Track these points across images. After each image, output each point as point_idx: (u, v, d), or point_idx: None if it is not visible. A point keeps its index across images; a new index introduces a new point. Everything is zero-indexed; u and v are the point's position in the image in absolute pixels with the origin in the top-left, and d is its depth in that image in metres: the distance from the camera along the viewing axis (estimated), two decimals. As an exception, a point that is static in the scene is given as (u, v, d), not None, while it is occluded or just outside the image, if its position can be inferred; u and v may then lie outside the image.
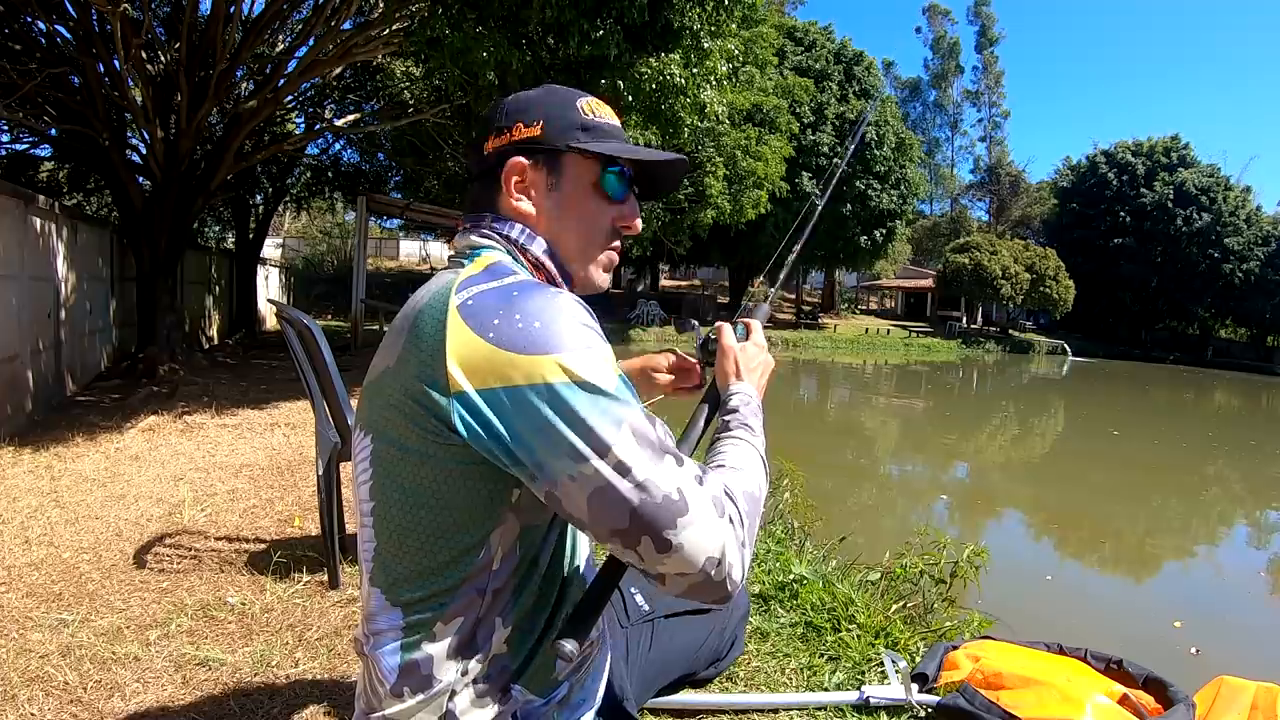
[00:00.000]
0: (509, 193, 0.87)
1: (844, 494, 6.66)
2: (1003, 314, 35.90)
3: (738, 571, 0.71)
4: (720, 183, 16.48)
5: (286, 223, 30.70)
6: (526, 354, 0.69)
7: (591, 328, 0.74)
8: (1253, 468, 10.09)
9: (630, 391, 0.73)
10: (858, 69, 27.15)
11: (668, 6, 6.88)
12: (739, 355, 1.04)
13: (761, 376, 1.05)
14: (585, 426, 0.68)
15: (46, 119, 7.78)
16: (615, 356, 0.78)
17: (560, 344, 0.70)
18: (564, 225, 0.88)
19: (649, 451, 0.70)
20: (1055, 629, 2.59)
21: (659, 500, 0.68)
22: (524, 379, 0.69)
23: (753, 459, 0.86)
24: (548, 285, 0.77)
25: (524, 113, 0.87)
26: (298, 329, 2.41)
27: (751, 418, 0.94)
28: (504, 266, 0.81)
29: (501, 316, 0.71)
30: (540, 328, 0.70)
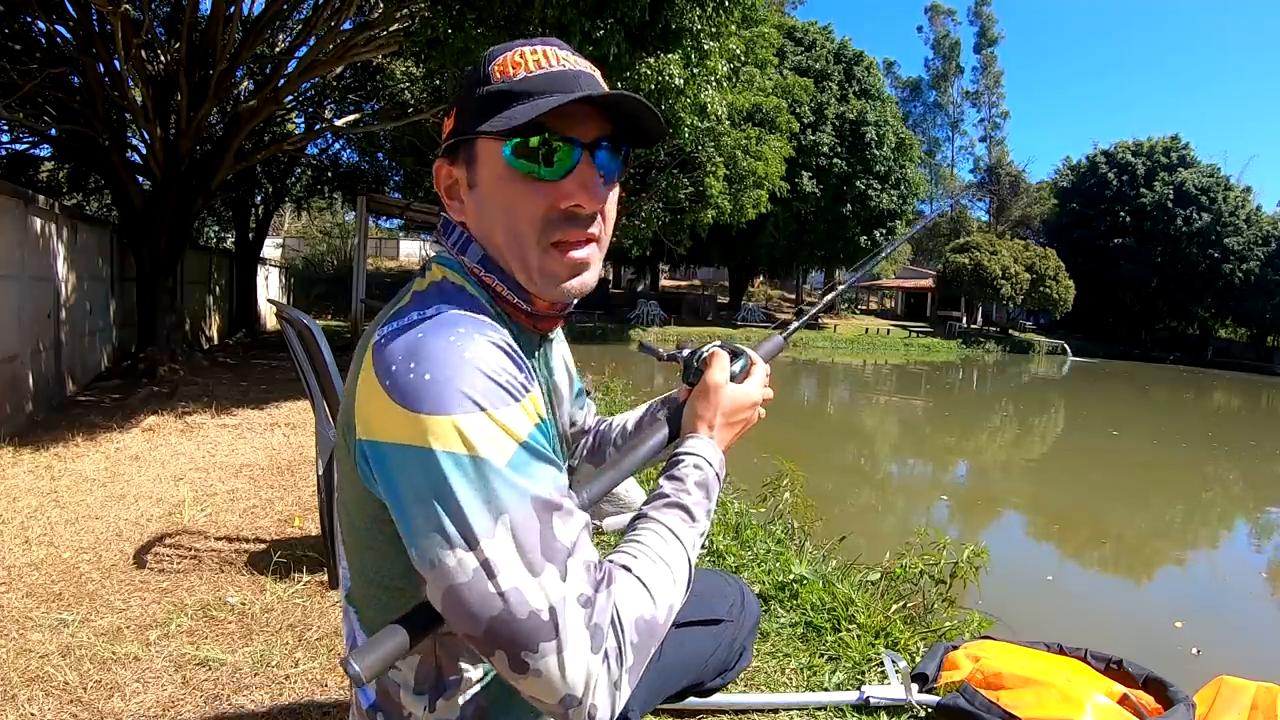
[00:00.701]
0: (445, 201, 0.79)
1: (844, 494, 6.66)
2: (1003, 314, 35.90)
3: (604, 713, 0.60)
4: (720, 183, 16.47)
5: (286, 223, 30.70)
6: (413, 410, 0.60)
7: (497, 381, 0.62)
8: (1253, 467, 10.09)
9: (537, 462, 0.62)
10: (858, 69, 27.15)
11: (668, 7, 6.88)
12: (721, 399, 0.85)
13: (736, 435, 0.88)
14: (456, 509, 0.58)
15: (46, 119, 7.78)
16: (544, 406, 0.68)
17: (449, 403, 0.59)
18: (491, 224, 0.75)
19: (526, 556, 0.59)
20: (1056, 630, 2.58)
21: (522, 617, 0.57)
22: (406, 438, 0.60)
23: (674, 563, 0.70)
24: (464, 321, 0.66)
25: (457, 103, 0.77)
26: (298, 329, 2.41)
27: (697, 495, 0.77)
28: (439, 291, 0.73)
29: (399, 363, 0.62)
30: (431, 380, 0.60)
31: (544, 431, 0.65)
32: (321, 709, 1.76)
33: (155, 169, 7.33)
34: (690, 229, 17.59)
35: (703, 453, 0.80)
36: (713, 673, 1.22)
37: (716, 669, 1.22)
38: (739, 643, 1.25)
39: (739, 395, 0.87)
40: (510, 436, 0.61)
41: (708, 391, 0.85)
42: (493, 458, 0.60)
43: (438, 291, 0.74)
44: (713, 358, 0.88)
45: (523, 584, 0.58)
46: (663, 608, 0.67)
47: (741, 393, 0.87)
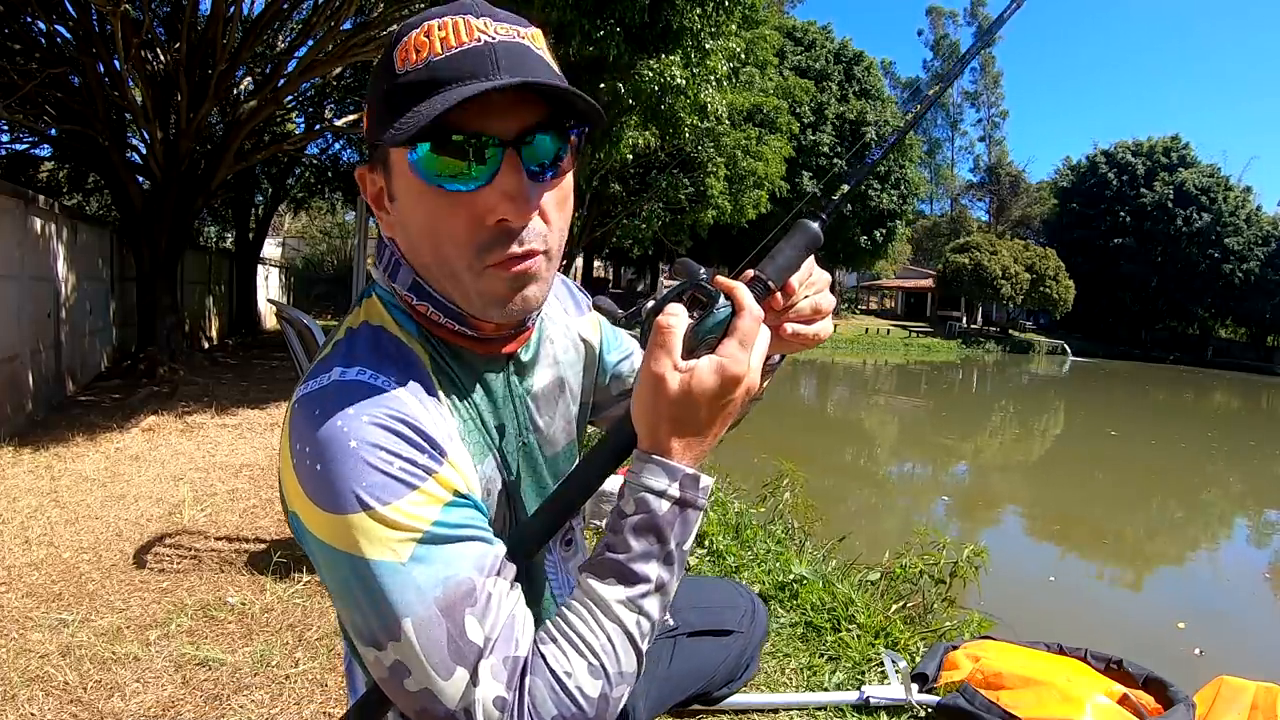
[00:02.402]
0: (375, 213, 0.67)
1: (844, 494, 6.67)
2: (1003, 314, 35.91)
3: None
4: (721, 183, 16.49)
5: (286, 223, 30.66)
6: (312, 501, 0.55)
7: (387, 471, 0.55)
8: (1253, 468, 10.09)
9: (450, 545, 0.56)
10: (857, 69, 27.16)
11: (668, 7, 6.88)
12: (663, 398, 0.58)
13: (711, 429, 0.60)
14: (362, 610, 0.55)
15: (46, 119, 7.78)
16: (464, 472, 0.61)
17: (338, 499, 0.54)
18: (416, 242, 0.63)
19: (436, 658, 0.54)
20: (1057, 630, 2.58)
21: (440, 716, 0.55)
22: (312, 527, 0.56)
23: (604, 650, 0.58)
24: (356, 392, 0.58)
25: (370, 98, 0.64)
26: (298, 329, 2.41)
27: (641, 549, 0.58)
28: (352, 342, 0.64)
29: (300, 443, 0.57)
30: (321, 475, 0.55)
31: (460, 505, 0.58)
32: (322, 709, 1.76)
33: (155, 169, 7.34)
34: (691, 229, 17.60)
35: (648, 483, 0.59)
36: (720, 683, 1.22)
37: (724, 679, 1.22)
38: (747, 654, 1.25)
39: (701, 381, 0.57)
40: (407, 532, 0.55)
41: (645, 387, 0.59)
42: (388, 558, 0.54)
43: (351, 342, 0.64)
44: (654, 329, 0.59)
45: (433, 687, 0.55)
46: (586, 702, 0.57)
47: (705, 376, 0.57)
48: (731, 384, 0.58)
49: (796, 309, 0.67)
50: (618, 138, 7.73)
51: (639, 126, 7.67)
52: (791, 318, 0.67)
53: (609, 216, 15.49)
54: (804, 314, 0.68)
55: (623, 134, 7.85)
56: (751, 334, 0.59)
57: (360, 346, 0.63)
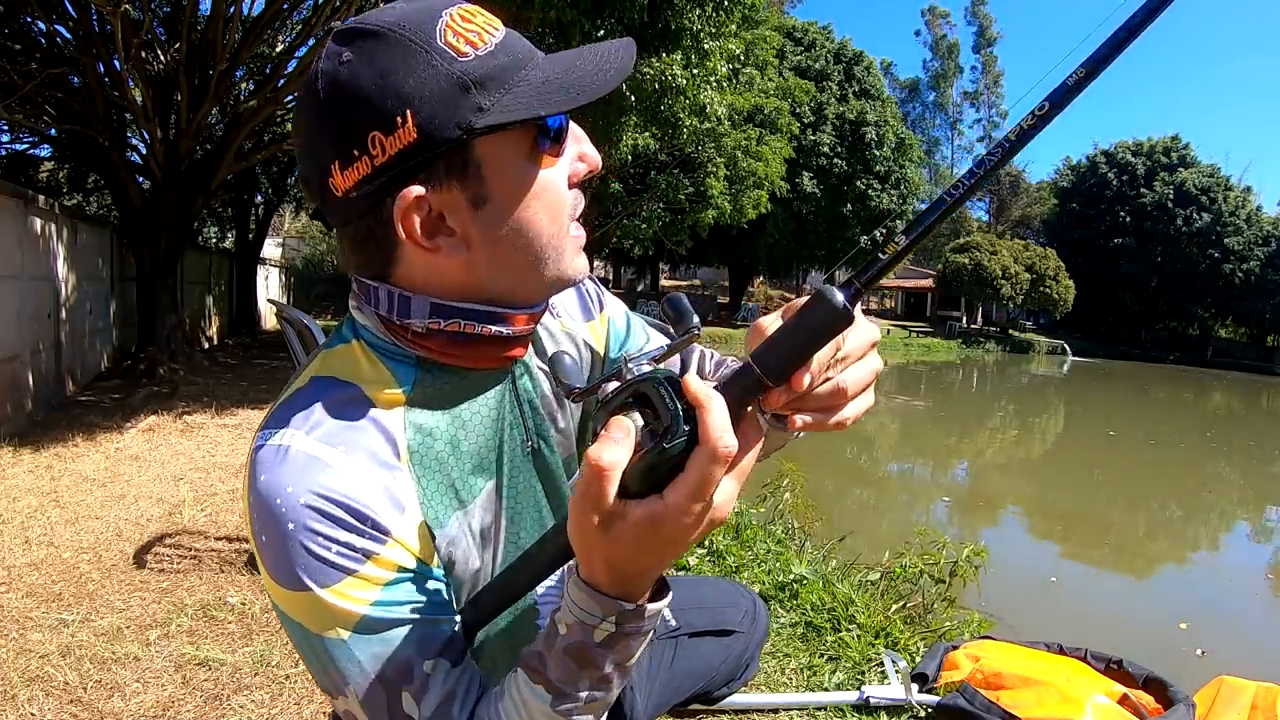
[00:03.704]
0: (417, 245, 0.57)
1: (844, 494, 6.67)
2: (1003, 314, 35.91)
3: None
4: (721, 183, 16.49)
5: (286, 223, 30.67)
6: (264, 565, 0.56)
7: (319, 557, 0.53)
8: (1253, 467, 10.09)
9: (390, 629, 0.56)
10: (857, 69, 27.16)
11: (668, 7, 6.89)
12: (598, 539, 0.47)
13: (663, 564, 0.50)
14: (313, 668, 0.58)
15: (46, 119, 7.78)
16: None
17: (280, 575, 0.54)
18: (517, 238, 0.59)
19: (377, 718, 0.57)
20: (1058, 630, 2.58)
21: None
22: (269, 586, 0.57)
23: None
24: (299, 469, 0.55)
25: (370, 110, 0.52)
26: (298, 329, 2.41)
27: (567, 668, 0.53)
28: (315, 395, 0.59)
29: (251, 507, 0.56)
30: (266, 546, 0.55)
31: (404, 581, 0.57)
32: (322, 709, 1.76)
33: (155, 169, 7.34)
34: (691, 229, 17.61)
35: (583, 611, 0.51)
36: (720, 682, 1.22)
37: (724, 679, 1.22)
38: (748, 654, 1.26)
39: (635, 535, 0.46)
40: (345, 615, 0.54)
41: (572, 520, 0.49)
42: (330, 635, 0.55)
43: (309, 397, 0.59)
44: (586, 462, 0.45)
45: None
46: None
47: (640, 531, 0.46)
48: (675, 537, 0.46)
49: (814, 394, 0.49)
50: (618, 138, 7.73)
51: (639, 126, 7.68)
52: (804, 407, 0.49)
53: (609, 216, 15.49)
54: (821, 400, 0.49)
55: (623, 134, 7.85)
56: (710, 479, 0.44)
57: (314, 404, 0.59)
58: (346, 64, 0.53)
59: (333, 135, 0.54)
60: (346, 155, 0.54)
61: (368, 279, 0.61)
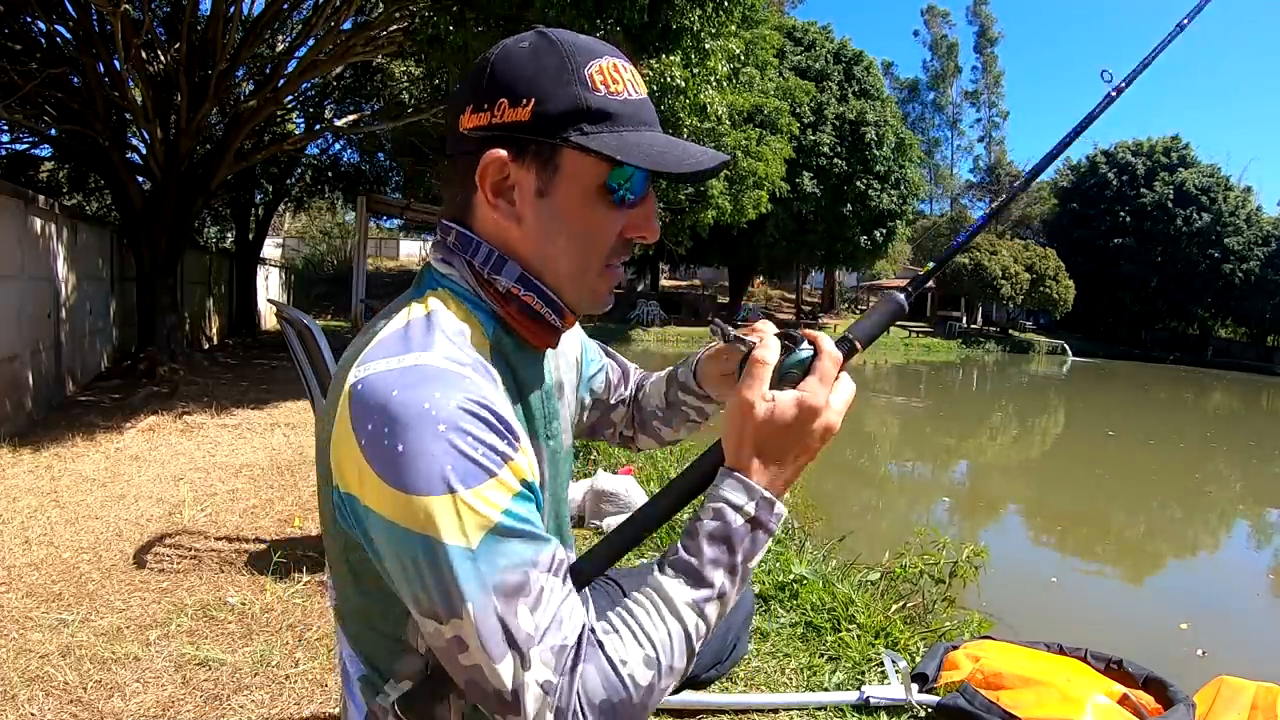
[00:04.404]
0: (484, 195, 0.67)
1: (844, 494, 6.66)
2: (1003, 314, 35.89)
3: None
4: (721, 183, 16.50)
5: (286, 223, 30.68)
6: (385, 482, 0.57)
7: (471, 456, 0.58)
8: (1253, 467, 10.10)
9: (513, 540, 0.59)
10: (857, 69, 27.14)
11: (668, 7, 6.88)
12: (754, 419, 0.65)
13: (791, 461, 0.67)
14: (426, 588, 0.58)
15: (46, 119, 7.78)
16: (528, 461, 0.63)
17: (420, 482, 0.56)
18: (554, 242, 0.69)
19: (490, 643, 0.58)
20: (1058, 630, 2.58)
21: (488, 691, 0.58)
22: (379, 507, 0.58)
23: (662, 643, 0.62)
24: (441, 379, 0.60)
25: (510, 83, 0.66)
26: (298, 329, 2.41)
27: (712, 555, 0.64)
28: (425, 328, 0.65)
29: (374, 422, 0.58)
30: (403, 454, 0.57)
31: (526, 498, 0.61)
32: (321, 709, 1.76)
33: (155, 169, 7.34)
34: (691, 229, 17.61)
35: (727, 496, 0.65)
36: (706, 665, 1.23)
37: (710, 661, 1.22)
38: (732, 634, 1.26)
39: (782, 410, 0.65)
40: (479, 520, 0.58)
41: (733, 410, 0.66)
42: (460, 543, 0.57)
43: (425, 327, 0.66)
44: (748, 363, 0.67)
45: (485, 666, 0.58)
46: (636, 690, 0.61)
47: (786, 407, 0.65)
48: (810, 415, 0.66)
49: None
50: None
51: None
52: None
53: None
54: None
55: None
56: (830, 373, 0.67)
57: (435, 333, 0.65)
58: (522, 48, 0.67)
59: (481, 86, 0.67)
60: (479, 104, 0.67)
61: (474, 227, 0.71)
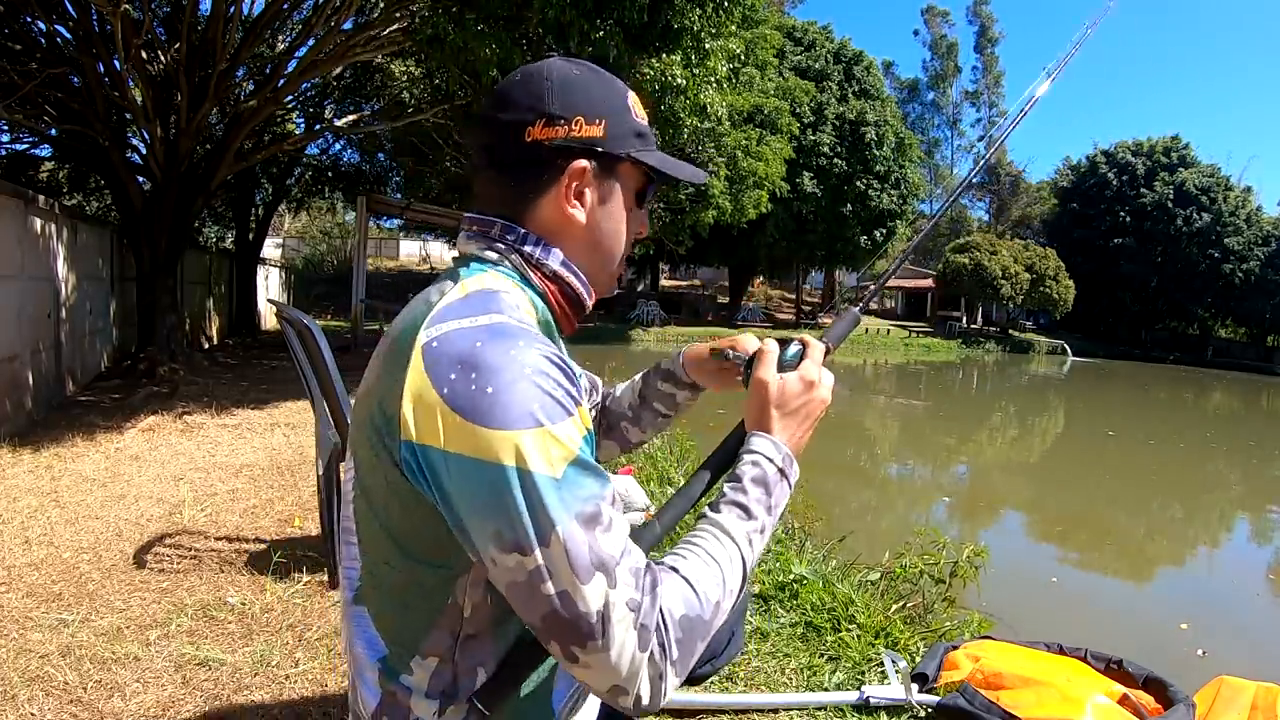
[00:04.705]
0: (565, 198, 0.78)
1: (844, 494, 6.66)
2: (1003, 314, 35.89)
3: (648, 702, 0.66)
4: (722, 183, 16.49)
5: (286, 223, 30.69)
6: (473, 423, 0.62)
7: (553, 396, 0.65)
8: (1253, 467, 10.10)
9: (586, 476, 0.65)
10: (857, 69, 27.15)
11: (668, 7, 6.88)
12: (771, 392, 0.84)
13: (801, 425, 0.85)
14: (516, 519, 0.62)
15: (46, 119, 7.78)
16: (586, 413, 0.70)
17: (512, 418, 0.62)
18: (603, 239, 0.83)
19: (578, 565, 0.62)
20: (1058, 630, 2.58)
21: (573, 617, 0.62)
22: (466, 449, 0.62)
23: (724, 563, 0.73)
24: (520, 334, 0.68)
25: (583, 104, 0.77)
26: (298, 329, 2.41)
27: (755, 493, 0.78)
28: (487, 297, 0.73)
29: (459, 371, 0.64)
30: (493, 394, 0.62)
31: (589, 441, 0.68)
32: (321, 709, 1.76)
33: (155, 169, 7.34)
34: (691, 229, 17.60)
35: (760, 449, 0.81)
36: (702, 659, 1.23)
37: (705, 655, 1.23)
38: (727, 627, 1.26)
39: (790, 384, 0.85)
40: (564, 452, 0.64)
41: (754, 389, 0.86)
42: (548, 473, 0.62)
43: (488, 297, 0.73)
44: (757, 354, 0.88)
45: (572, 590, 0.62)
46: (709, 605, 0.70)
47: (793, 381, 0.85)
48: (809, 387, 0.85)
49: None
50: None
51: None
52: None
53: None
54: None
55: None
56: (819, 359, 0.88)
57: (501, 300, 0.73)
58: (578, 73, 0.79)
59: (549, 102, 0.76)
60: (552, 119, 0.76)
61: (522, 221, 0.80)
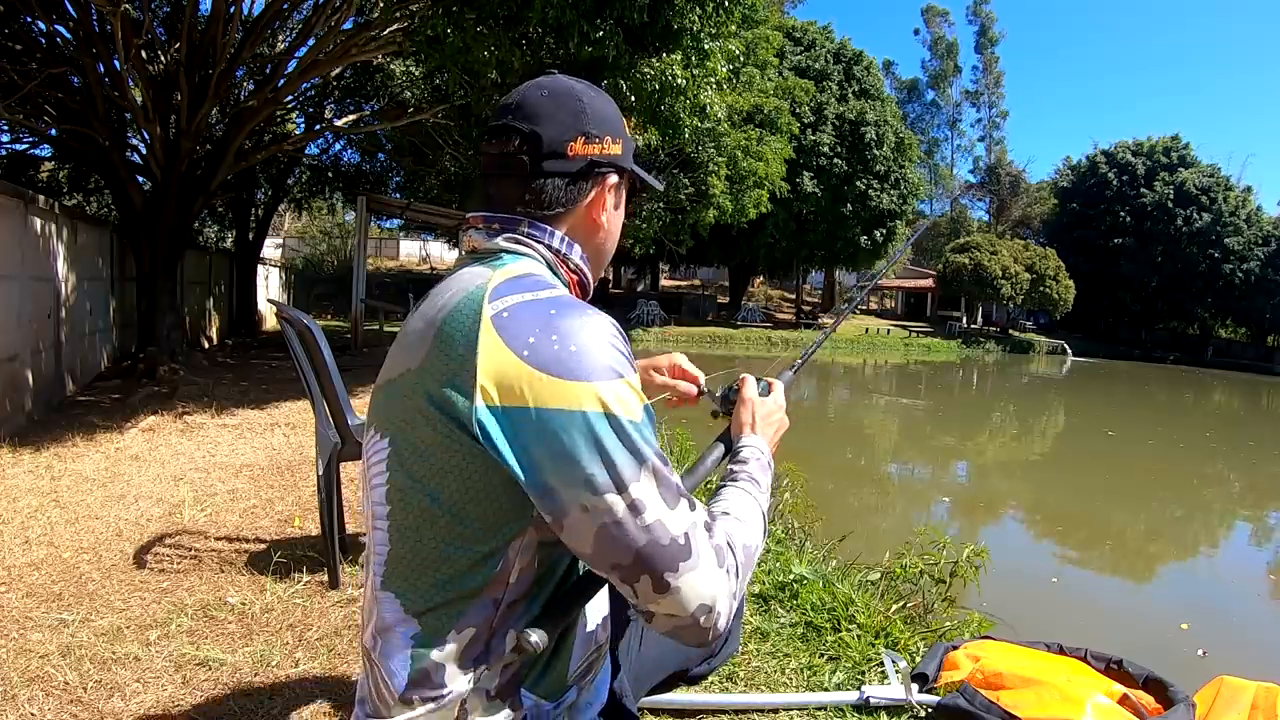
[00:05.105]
0: (600, 206, 0.90)
1: (844, 494, 6.66)
2: (1003, 314, 35.88)
3: (724, 621, 0.73)
4: (722, 183, 16.50)
5: (286, 223, 30.70)
6: (560, 378, 0.69)
7: (624, 353, 0.74)
8: (1253, 467, 10.09)
9: (652, 423, 0.74)
10: (857, 69, 27.15)
11: (668, 7, 6.87)
12: (756, 407, 1.07)
13: (775, 434, 1.08)
14: (608, 460, 0.69)
15: (46, 119, 7.78)
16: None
17: (595, 371, 0.70)
18: (608, 239, 0.95)
19: (665, 493, 0.71)
20: (1059, 631, 2.58)
21: (665, 543, 0.70)
22: (555, 402, 0.69)
23: (755, 513, 0.87)
24: (583, 303, 0.78)
25: (609, 124, 0.89)
26: (298, 329, 2.41)
27: (760, 473, 0.96)
28: (537, 279, 0.80)
29: (538, 335, 0.71)
30: (576, 352, 0.71)
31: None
32: (322, 709, 1.76)
33: (155, 169, 7.34)
34: (692, 229, 17.60)
35: (755, 444, 1.01)
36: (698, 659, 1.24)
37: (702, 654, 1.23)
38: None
39: (768, 403, 1.09)
40: (639, 398, 0.73)
41: (745, 402, 1.08)
42: (632, 416, 0.71)
43: (536, 280, 0.80)
44: (742, 381, 1.12)
45: (664, 516, 0.70)
46: (755, 538, 0.84)
47: (770, 401, 1.10)
48: (778, 407, 1.11)
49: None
50: (618, 138, 7.74)
51: (639, 126, 7.67)
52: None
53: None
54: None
55: (623, 134, 7.81)
56: (779, 391, 1.14)
57: (542, 283, 0.80)
58: (596, 94, 0.90)
59: (587, 121, 0.86)
60: (590, 137, 0.87)
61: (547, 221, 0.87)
